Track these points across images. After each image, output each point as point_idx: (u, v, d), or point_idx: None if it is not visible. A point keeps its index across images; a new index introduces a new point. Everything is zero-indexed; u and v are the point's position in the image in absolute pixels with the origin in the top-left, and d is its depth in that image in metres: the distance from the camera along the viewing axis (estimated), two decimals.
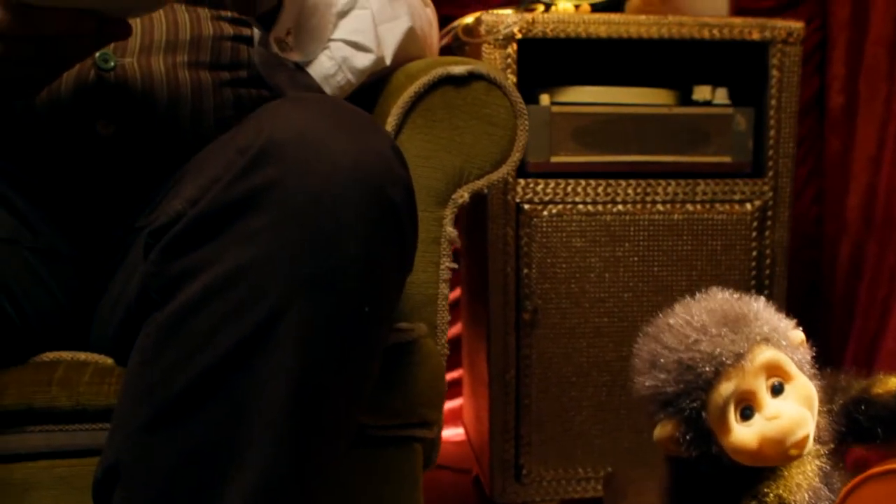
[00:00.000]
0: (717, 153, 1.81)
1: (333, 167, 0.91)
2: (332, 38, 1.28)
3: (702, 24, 1.76)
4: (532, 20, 1.67)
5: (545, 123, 1.74)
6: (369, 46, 1.30)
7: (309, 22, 1.24)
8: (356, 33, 1.29)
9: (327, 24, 1.27)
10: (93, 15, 1.05)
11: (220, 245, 0.90)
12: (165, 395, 0.91)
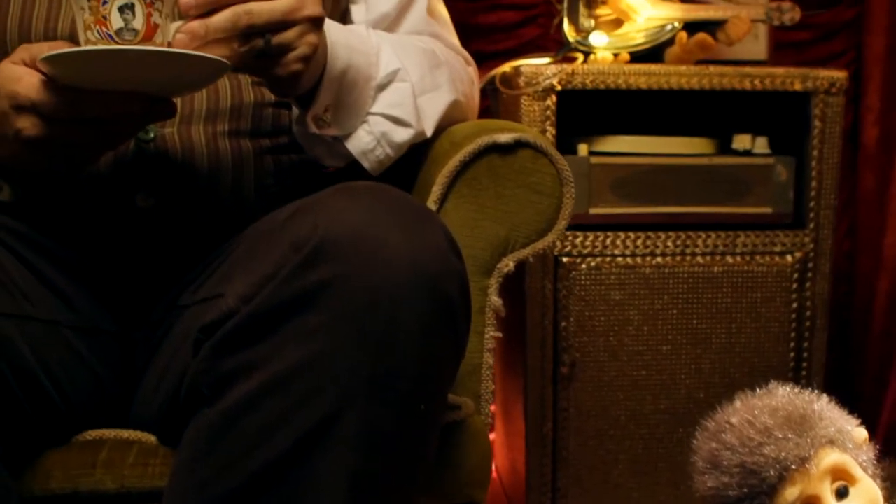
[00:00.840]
0: (757, 204, 1.79)
1: (389, 265, 0.90)
2: (371, 111, 1.26)
3: (743, 74, 1.74)
4: (572, 72, 1.65)
5: (584, 175, 1.72)
6: (409, 121, 1.28)
7: (348, 97, 1.22)
8: (396, 107, 1.27)
9: (366, 99, 1.24)
10: (141, 97, 1.03)
11: (275, 343, 0.90)
12: (218, 492, 0.91)
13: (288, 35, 1.05)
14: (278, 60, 1.06)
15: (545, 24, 2.37)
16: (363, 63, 1.22)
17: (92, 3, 0.98)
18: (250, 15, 1.01)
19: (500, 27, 2.37)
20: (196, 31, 1.00)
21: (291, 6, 1.04)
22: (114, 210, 1.19)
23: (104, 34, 0.98)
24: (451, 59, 1.41)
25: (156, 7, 0.99)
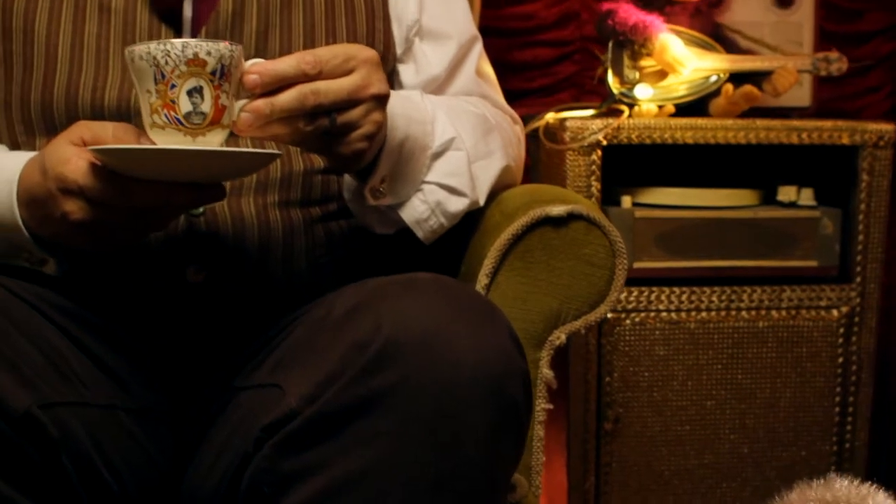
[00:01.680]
0: (803, 257, 1.77)
1: (456, 368, 0.89)
2: (426, 180, 1.24)
3: (790, 128, 1.72)
4: (617, 126, 1.64)
5: (628, 229, 1.71)
6: (464, 191, 1.26)
7: (405, 167, 1.20)
8: (451, 177, 1.25)
9: (421, 167, 1.23)
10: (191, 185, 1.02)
11: (340, 446, 0.90)
12: None
13: (353, 113, 1.04)
14: (342, 139, 1.05)
15: (580, 60, 2.36)
16: (420, 132, 1.20)
17: (159, 86, 0.96)
18: (317, 94, 1.00)
19: (536, 64, 2.35)
20: (261, 110, 0.98)
21: (357, 84, 1.03)
22: (164, 285, 1.18)
23: (172, 118, 0.97)
24: (500, 120, 1.39)
25: (223, 88, 0.97)
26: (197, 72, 0.96)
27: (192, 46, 0.95)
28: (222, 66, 0.96)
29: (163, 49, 0.95)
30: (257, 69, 0.98)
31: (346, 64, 1.03)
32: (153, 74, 0.96)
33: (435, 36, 1.37)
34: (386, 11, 1.32)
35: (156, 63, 0.95)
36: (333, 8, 1.27)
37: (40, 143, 1.20)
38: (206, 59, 0.95)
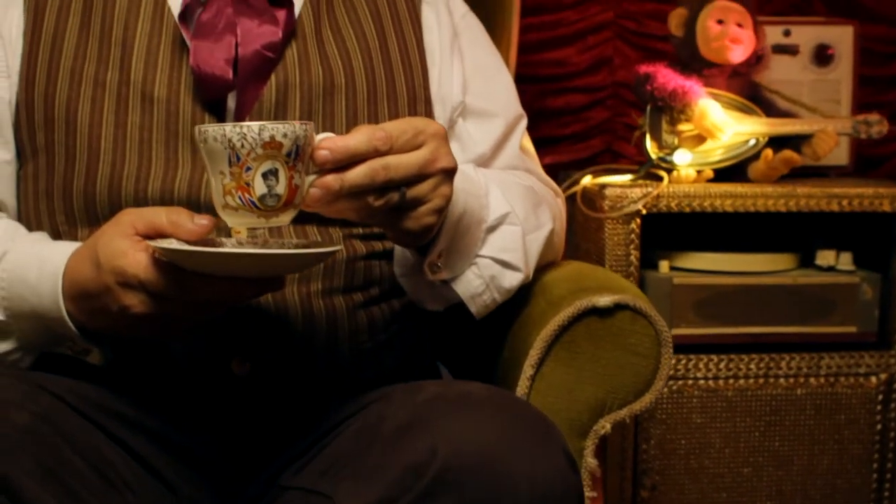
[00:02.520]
0: (841, 323, 1.76)
1: (513, 495, 0.90)
2: (481, 254, 1.23)
3: (830, 195, 1.71)
4: (657, 195, 1.63)
5: (666, 295, 1.70)
6: (519, 265, 1.25)
7: (461, 242, 1.19)
8: (506, 252, 1.24)
9: (477, 241, 1.22)
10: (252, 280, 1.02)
11: None
12: None
13: (423, 188, 1.03)
14: (410, 213, 1.04)
15: (613, 106, 2.36)
16: (476, 206, 1.20)
17: (234, 168, 0.95)
18: (388, 170, 0.99)
19: (569, 110, 2.34)
20: (331, 186, 0.97)
21: (427, 158, 1.02)
22: (209, 377, 1.17)
23: (246, 201, 0.96)
24: (544, 193, 1.39)
25: (297, 169, 0.96)
26: (273, 154, 0.94)
27: (268, 129, 0.94)
28: (297, 146, 0.95)
29: (239, 132, 0.93)
30: (328, 145, 0.97)
31: (416, 138, 1.02)
32: (227, 156, 0.95)
33: (479, 114, 1.36)
34: (427, 95, 1.32)
35: (231, 146, 0.94)
36: (375, 93, 1.27)
37: (82, 233, 1.20)
38: (283, 142, 0.94)
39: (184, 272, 0.99)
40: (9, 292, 1.13)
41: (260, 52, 1.20)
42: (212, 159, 0.96)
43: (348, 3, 1.31)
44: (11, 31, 1.23)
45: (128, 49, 1.21)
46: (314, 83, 1.23)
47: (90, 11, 1.22)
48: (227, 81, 1.18)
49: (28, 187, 1.23)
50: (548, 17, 2.30)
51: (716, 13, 1.81)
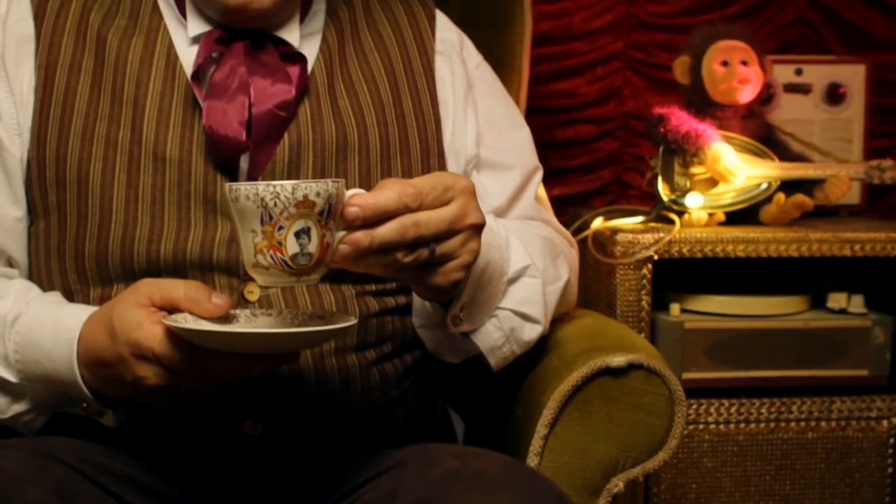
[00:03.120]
0: (853, 366, 1.75)
1: None
2: (501, 306, 1.22)
3: (843, 240, 1.70)
4: (669, 241, 1.62)
5: (678, 340, 1.69)
6: (538, 318, 1.24)
7: (483, 294, 1.19)
8: (526, 304, 1.23)
9: (497, 293, 1.21)
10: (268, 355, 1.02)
11: None
12: None
13: (451, 244, 1.02)
14: (439, 269, 1.03)
15: (622, 136, 2.35)
16: (497, 258, 1.19)
17: (266, 227, 0.94)
18: (418, 227, 0.98)
19: (578, 141, 2.34)
20: (361, 242, 0.96)
21: (456, 215, 1.02)
22: (222, 438, 1.17)
23: (278, 259, 0.95)
24: (561, 244, 1.38)
25: (329, 227, 0.96)
26: (306, 213, 0.94)
27: (301, 188, 0.93)
28: (329, 205, 0.95)
29: (272, 191, 0.93)
30: (359, 202, 0.96)
31: (445, 194, 1.02)
32: (260, 216, 0.94)
33: (494, 166, 1.36)
34: (441, 148, 1.31)
35: (264, 204, 0.93)
36: (388, 149, 1.27)
37: (94, 292, 1.19)
38: (315, 201, 0.94)
39: (199, 347, 0.99)
40: (23, 356, 1.13)
41: (273, 112, 1.20)
42: (243, 218, 0.95)
43: (361, 56, 1.30)
44: (23, 88, 1.22)
45: (140, 108, 1.20)
46: (327, 141, 1.23)
47: (102, 69, 1.22)
48: (240, 144, 1.18)
49: (40, 245, 1.23)
50: (558, 47, 2.30)
51: (719, 55, 1.80)
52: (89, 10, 1.24)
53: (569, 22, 2.29)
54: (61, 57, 1.22)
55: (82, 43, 1.23)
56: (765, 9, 2.35)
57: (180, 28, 1.25)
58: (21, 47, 1.23)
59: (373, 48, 1.32)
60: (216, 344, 0.98)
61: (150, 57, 1.22)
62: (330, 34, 1.30)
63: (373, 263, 1.00)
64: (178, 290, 1.04)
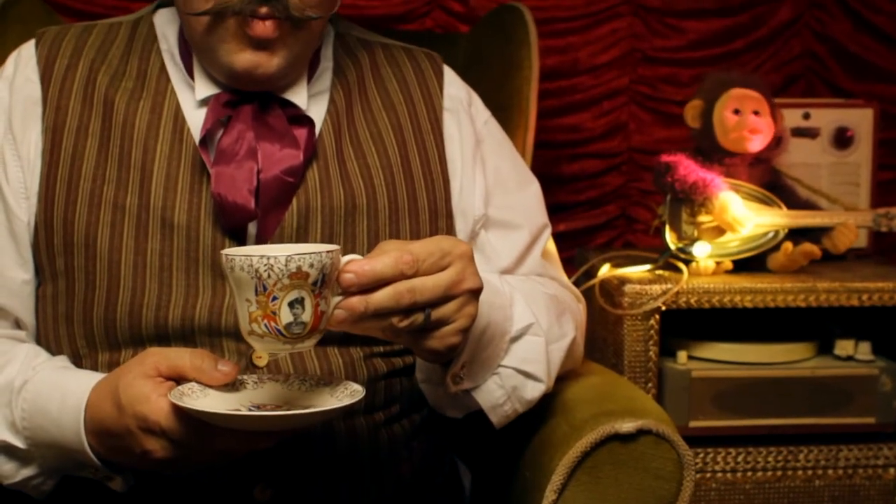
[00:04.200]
0: (860, 414, 1.75)
1: None
2: (503, 364, 1.22)
3: (851, 290, 1.70)
4: (676, 292, 1.62)
5: (684, 389, 1.69)
6: (541, 377, 1.24)
7: (484, 353, 1.19)
8: (528, 363, 1.23)
9: (499, 352, 1.21)
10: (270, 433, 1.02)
11: None
12: None
13: (447, 309, 1.03)
14: (435, 333, 1.04)
15: (628, 171, 2.35)
16: (500, 318, 1.19)
17: (260, 297, 0.95)
18: (413, 293, 0.99)
19: (583, 176, 2.34)
20: (355, 307, 0.97)
21: (453, 280, 1.02)
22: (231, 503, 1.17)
23: (272, 328, 0.95)
24: (567, 299, 1.38)
25: (323, 295, 0.96)
26: (299, 284, 0.94)
27: (295, 260, 0.93)
28: (323, 274, 0.95)
29: (266, 263, 0.93)
30: (354, 268, 0.97)
31: (442, 260, 1.02)
32: (254, 286, 0.94)
33: (502, 226, 1.36)
34: (449, 208, 1.31)
35: (258, 275, 0.94)
36: (397, 211, 1.27)
37: (102, 357, 1.20)
38: (309, 272, 0.94)
39: (205, 423, 0.99)
40: (31, 422, 1.13)
41: (281, 178, 1.20)
42: (238, 287, 0.96)
43: (369, 115, 1.30)
44: (30, 151, 1.22)
45: (147, 173, 1.20)
46: (336, 206, 1.22)
47: (109, 133, 1.21)
48: (249, 212, 1.18)
49: (47, 308, 1.23)
50: (564, 82, 2.30)
51: (732, 103, 1.80)
52: (96, 72, 1.24)
53: (575, 57, 2.29)
54: (68, 120, 1.22)
55: (89, 106, 1.22)
56: (770, 43, 2.36)
57: (188, 90, 1.25)
58: (28, 110, 1.23)
59: (380, 106, 1.31)
60: (222, 423, 0.98)
61: (158, 120, 1.22)
62: (337, 94, 1.29)
63: (368, 327, 1.00)
64: (184, 360, 1.04)
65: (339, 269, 0.97)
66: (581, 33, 2.29)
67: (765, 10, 2.35)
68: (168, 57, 1.27)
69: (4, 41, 1.69)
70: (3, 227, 1.22)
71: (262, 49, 1.17)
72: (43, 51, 1.25)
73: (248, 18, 1.14)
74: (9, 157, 1.22)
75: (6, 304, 1.23)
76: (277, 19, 1.15)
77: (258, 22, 1.15)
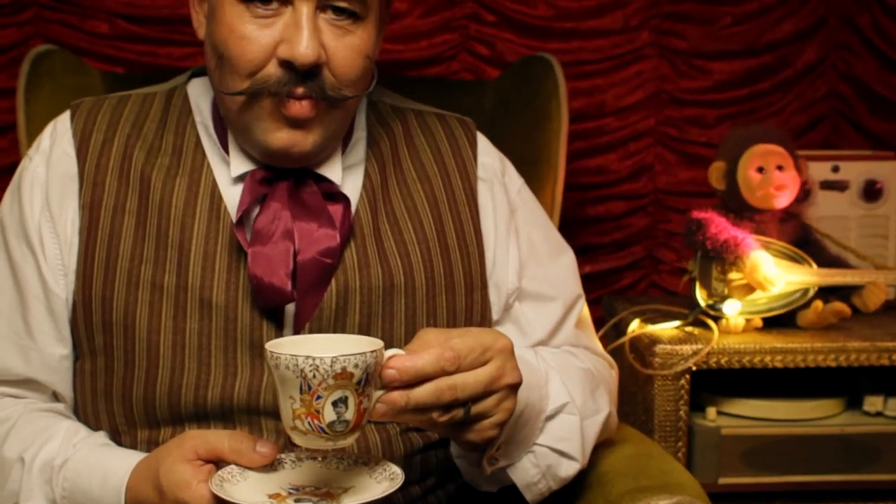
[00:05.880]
0: (890, 471, 1.75)
1: None
2: (538, 442, 1.23)
3: (881, 350, 1.70)
4: (707, 353, 1.62)
5: (714, 446, 1.69)
6: (575, 455, 1.25)
7: (520, 433, 1.20)
8: (563, 441, 1.24)
9: (535, 430, 1.22)
10: None
11: None
12: None
13: (487, 403, 1.04)
14: (474, 426, 1.05)
15: (654, 212, 2.35)
16: (536, 398, 1.20)
17: (304, 396, 0.95)
18: (454, 390, 1.00)
19: (609, 217, 2.34)
20: (397, 402, 0.98)
21: (493, 376, 1.03)
22: None
23: (315, 426, 0.97)
24: (601, 369, 1.38)
25: (366, 393, 0.97)
26: (344, 384, 0.95)
27: (340, 361, 0.94)
28: (367, 374, 0.96)
29: (311, 363, 0.94)
30: (397, 364, 0.98)
31: (483, 355, 1.03)
32: (299, 385, 0.95)
33: (536, 298, 1.35)
34: (484, 280, 1.31)
35: (303, 375, 0.95)
36: (434, 288, 1.27)
37: (141, 434, 1.20)
38: (354, 372, 0.95)
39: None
40: (71, 501, 1.13)
41: (318, 260, 1.19)
42: (282, 383, 0.97)
43: (404, 188, 1.30)
44: (67, 229, 1.22)
45: (185, 252, 1.20)
46: (374, 286, 1.22)
47: (146, 211, 1.21)
48: (286, 295, 1.18)
49: (86, 384, 1.23)
50: (590, 123, 2.30)
51: (755, 161, 1.79)
52: (132, 147, 1.24)
53: (601, 99, 2.30)
54: (105, 197, 1.22)
55: (126, 183, 1.22)
56: (796, 84, 2.36)
57: (223, 165, 1.24)
58: (66, 186, 1.23)
59: (415, 178, 1.31)
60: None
61: (195, 198, 1.22)
62: (371, 166, 1.29)
63: (409, 419, 1.02)
64: (222, 443, 1.05)
65: (381, 363, 0.98)
66: (607, 75, 2.30)
67: (790, 50, 2.35)
68: (202, 130, 1.26)
69: (36, 95, 1.70)
70: (41, 304, 1.22)
71: (297, 128, 1.16)
72: (78, 124, 1.25)
73: (284, 99, 1.14)
74: (46, 234, 1.22)
75: (45, 379, 1.23)
76: (313, 99, 1.15)
77: (294, 102, 1.15)
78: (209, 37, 1.20)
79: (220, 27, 1.15)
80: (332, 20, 1.15)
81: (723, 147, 1.86)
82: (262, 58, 1.14)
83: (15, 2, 2.06)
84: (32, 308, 1.22)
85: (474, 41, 2.24)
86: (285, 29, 1.13)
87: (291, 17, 1.13)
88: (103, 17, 2.10)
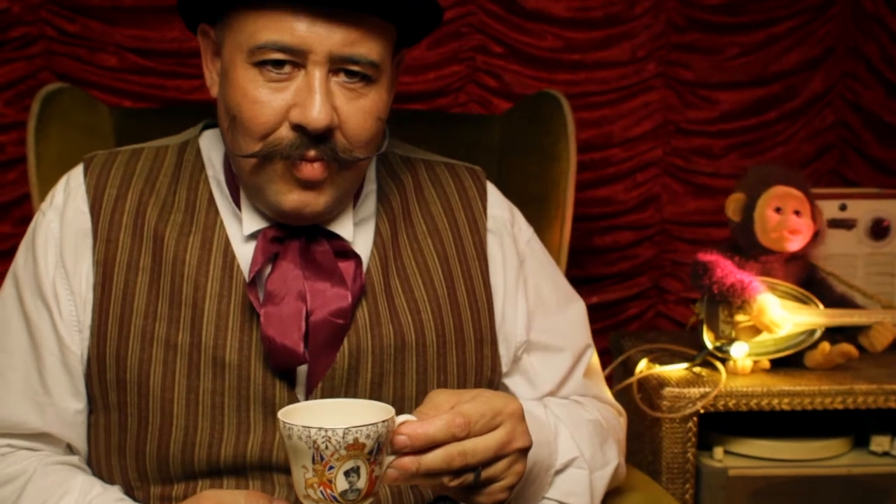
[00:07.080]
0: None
1: None
2: (547, 496, 1.24)
3: (888, 392, 1.70)
4: (714, 397, 1.63)
5: (722, 487, 1.69)
6: None
7: (529, 489, 1.20)
8: (572, 496, 1.25)
9: (544, 485, 1.23)
10: None
11: None
12: None
13: (497, 467, 1.04)
14: (484, 490, 1.05)
15: (660, 241, 2.35)
16: (545, 454, 1.21)
17: (317, 466, 0.96)
18: (465, 456, 1.01)
19: (616, 248, 2.34)
20: (408, 467, 0.99)
21: (503, 441, 1.03)
22: None
23: (328, 495, 0.97)
24: (609, 417, 1.38)
25: (378, 461, 0.98)
26: (355, 454, 0.96)
27: (352, 433, 0.95)
28: (379, 444, 0.97)
29: (324, 435, 0.95)
30: (408, 431, 0.99)
31: (493, 420, 1.03)
32: (311, 455, 0.96)
33: (544, 349, 1.36)
34: (493, 335, 1.31)
35: (315, 446, 0.95)
36: (444, 345, 1.27)
37: (154, 490, 1.21)
38: (366, 443, 0.96)
39: None
40: None
41: (330, 321, 1.19)
42: (295, 453, 0.97)
43: (415, 244, 1.30)
44: (81, 285, 1.21)
45: (198, 311, 1.20)
46: (385, 344, 1.23)
47: (160, 269, 1.21)
48: (298, 356, 1.18)
49: (100, 438, 1.24)
50: (597, 154, 2.31)
51: (774, 201, 1.79)
52: (145, 205, 1.23)
53: (608, 130, 2.30)
54: (118, 255, 1.21)
55: (139, 240, 1.22)
56: (803, 113, 2.36)
57: (235, 222, 1.24)
58: (79, 242, 1.23)
59: (425, 233, 1.31)
60: None
61: (208, 256, 1.22)
62: (382, 222, 1.29)
63: (419, 483, 1.02)
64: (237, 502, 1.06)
65: (392, 430, 0.99)
66: (614, 106, 2.30)
67: (797, 80, 2.35)
68: (215, 185, 1.26)
69: (47, 134, 1.71)
70: (56, 359, 1.23)
71: (309, 189, 1.16)
72: (91, 179, 1.25)
73: (296, 161, 1.14)
74: (61, 291, 1.23)
75: (60, 432, 1.24)
76: (325, 161, 1.15)
77: (306, 164, 1.14)
78: (222, 98, 1.20)
79: (233, 90, 1.16)
80: (344, 83, 1.15)
81: (745, 180, 1.86)
82: (274, 121, 1.14)
83: (24, 35, 2.07)
84: (48, 363, 1.23)
85: (482, 73, 2.24)
86: (298, 93, 1.13)
87: (304, 81, 1.13)
88: (112, 51, 2.11)
